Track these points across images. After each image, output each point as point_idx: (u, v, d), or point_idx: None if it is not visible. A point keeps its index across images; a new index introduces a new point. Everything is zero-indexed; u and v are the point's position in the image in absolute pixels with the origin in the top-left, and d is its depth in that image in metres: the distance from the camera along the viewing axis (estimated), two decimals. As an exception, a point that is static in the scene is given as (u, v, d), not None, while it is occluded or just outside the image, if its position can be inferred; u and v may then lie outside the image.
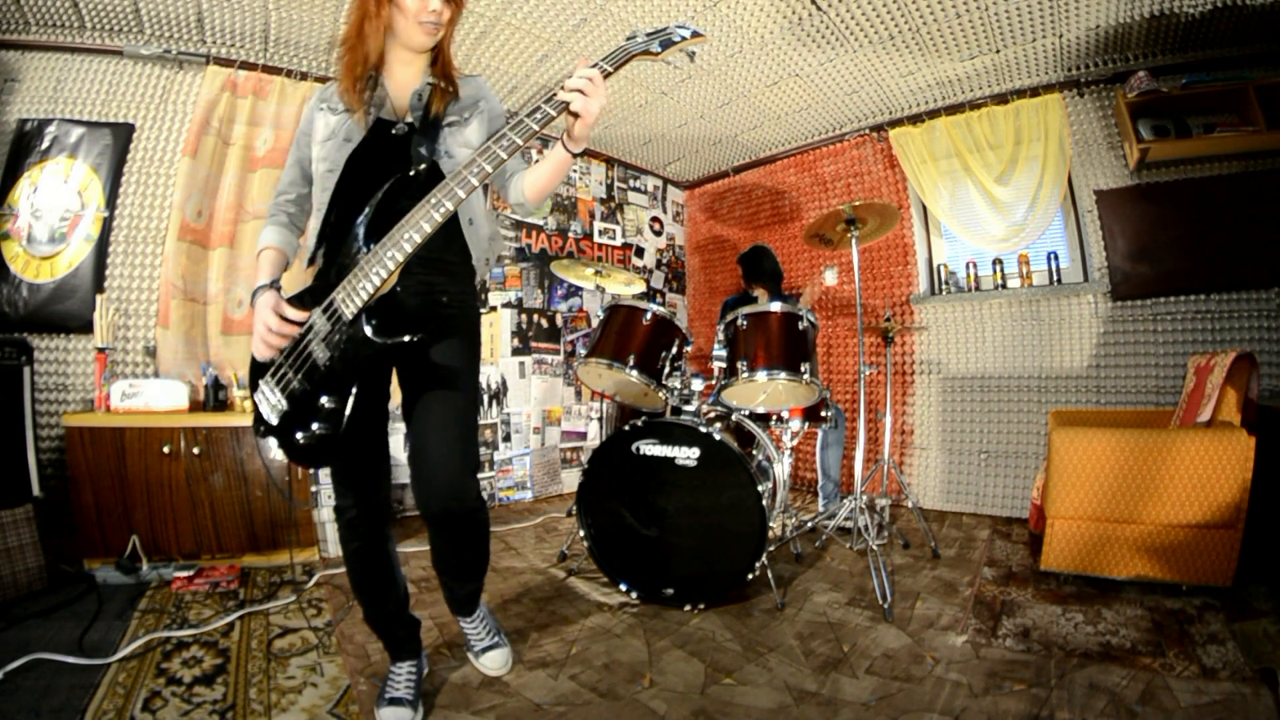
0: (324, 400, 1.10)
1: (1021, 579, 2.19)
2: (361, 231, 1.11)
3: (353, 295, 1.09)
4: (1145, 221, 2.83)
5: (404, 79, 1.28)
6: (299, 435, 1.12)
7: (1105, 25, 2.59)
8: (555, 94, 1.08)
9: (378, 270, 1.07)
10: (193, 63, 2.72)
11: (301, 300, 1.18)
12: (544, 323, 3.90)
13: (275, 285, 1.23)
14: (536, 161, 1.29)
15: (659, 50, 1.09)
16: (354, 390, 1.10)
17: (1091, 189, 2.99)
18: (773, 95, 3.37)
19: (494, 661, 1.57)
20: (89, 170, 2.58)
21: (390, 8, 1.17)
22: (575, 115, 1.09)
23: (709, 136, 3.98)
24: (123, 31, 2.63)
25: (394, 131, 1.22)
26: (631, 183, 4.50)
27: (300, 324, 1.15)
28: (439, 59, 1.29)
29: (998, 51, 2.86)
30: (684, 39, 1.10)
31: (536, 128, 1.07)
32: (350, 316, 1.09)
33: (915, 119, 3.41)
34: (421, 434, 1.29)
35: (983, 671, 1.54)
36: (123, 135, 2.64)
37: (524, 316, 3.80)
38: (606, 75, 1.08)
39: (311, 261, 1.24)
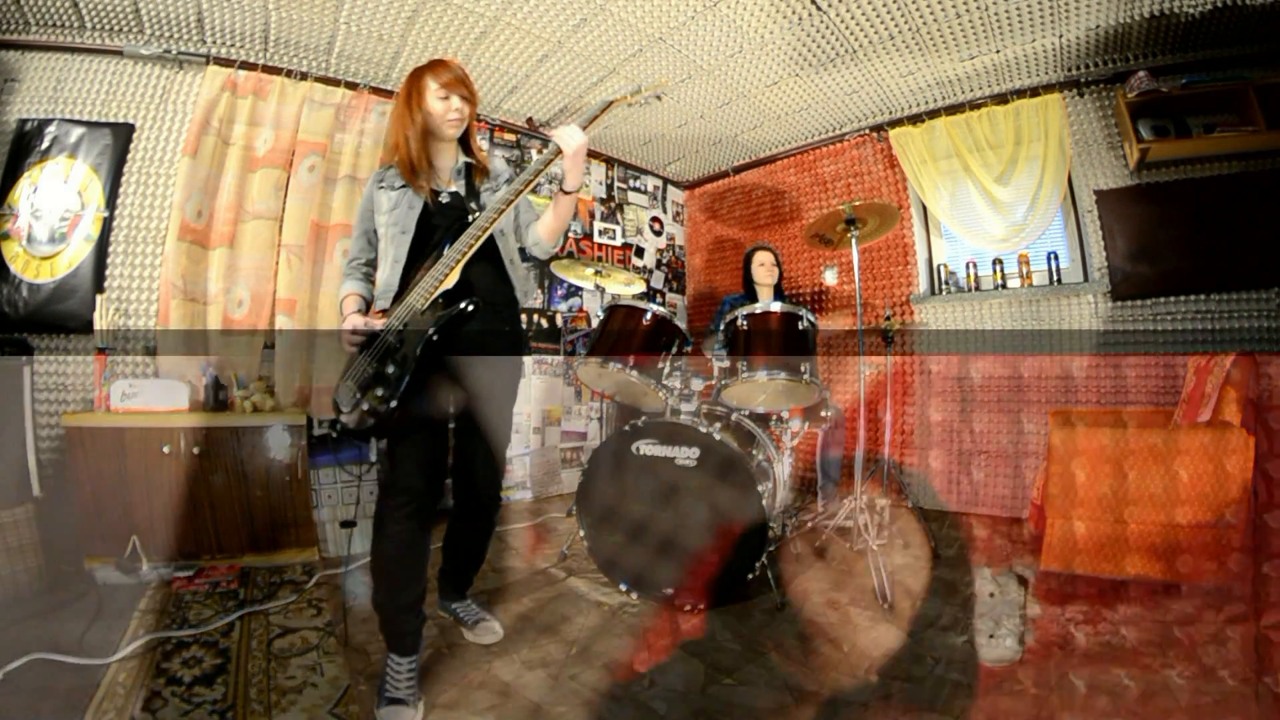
0: (389, 369, 1.37)
1: (1021, 579, 2.19)
2: (439, 253, 1.46)
3: (423, 293, 1.41)
4: (1145, 221, 2.82)
5: (443, 159, 1.64)
6: (364, 403, 1.38)
7: (1105, 25, 2.59)
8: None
9: (442, 270, 1.41)
10: (193, 63, 2.72)
11: (384, 312, 1.50)
12: (544, 323, 3.90)
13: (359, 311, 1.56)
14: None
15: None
16: (416, 361, 1.36)
17: (1091, 189, 2.98)
18: (773, 95, 3.37)
19: (489, 630, 1.79)
20: (89, 170, 2.58)
21: (421, 114, 1.53)
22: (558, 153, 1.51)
23: (709, 136, 3.97)
24: (123, 31, 2.63)
25: (446, 200, 1.59)
26: (631, 183, 4.50)
27: (376, 328, 1.45)
28: (468, 144, 1.67)
29: (998, 51, 2.85)
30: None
31: (530, 178, 1.48)
32: (424, 307, 1.40)
33: (915, 119, 3.40)
34: (481, 436, 1.62)
35: (983, 671, 1.54)
36: (123, 135, 2.64)
37: (524, 316, 3.79)
38: (584, 127, 1.50)
39: (395, 298, 1.52)
